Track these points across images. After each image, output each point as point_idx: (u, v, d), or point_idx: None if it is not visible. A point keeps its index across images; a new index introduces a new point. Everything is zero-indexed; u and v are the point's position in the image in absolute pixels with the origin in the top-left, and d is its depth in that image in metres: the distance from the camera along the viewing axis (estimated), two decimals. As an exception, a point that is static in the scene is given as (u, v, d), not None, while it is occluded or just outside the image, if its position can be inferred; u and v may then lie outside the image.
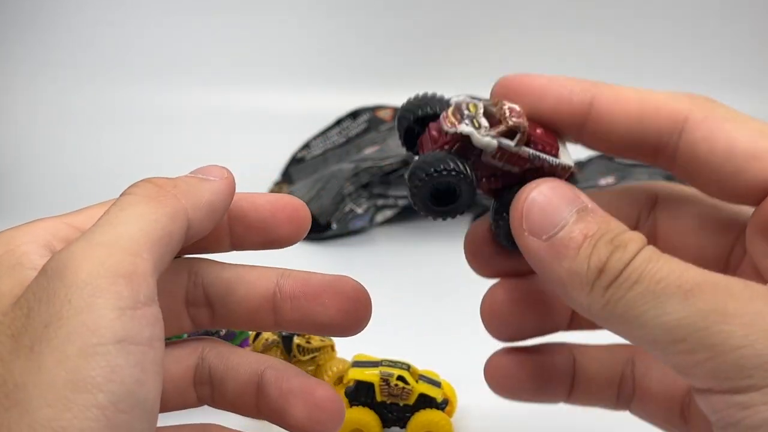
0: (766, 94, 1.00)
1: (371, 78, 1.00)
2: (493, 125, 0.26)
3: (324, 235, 0.70)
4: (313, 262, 0.67)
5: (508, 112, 0.26)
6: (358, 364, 0.42)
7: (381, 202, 0.71)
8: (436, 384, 0.42)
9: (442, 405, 0.41)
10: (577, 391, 0.31)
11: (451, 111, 0.27)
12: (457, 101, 0.27)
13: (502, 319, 0.30)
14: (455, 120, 0.26)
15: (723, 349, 0.21)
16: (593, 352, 0.31)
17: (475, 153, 0.26)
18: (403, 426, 0.41)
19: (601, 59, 1.01)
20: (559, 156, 0.27)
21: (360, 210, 0.70)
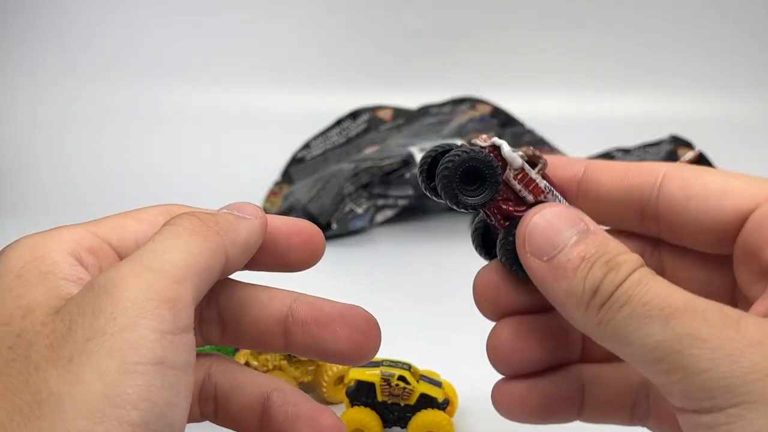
0: (765, 94, 1.00)
1: (371, 78, 1.00)
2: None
3: (324, 235, 0.70)
4: (314, 262, 0.67)
5: (532, 150, 0.29)
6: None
7: (381, 202, 0.71)
8: (437, 384, 0.42)
9: (443, 405, 0.41)
10: (587, 411, 0.31)
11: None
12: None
13: (508, 355, 0.30)
14: (487, 137, 0.29)
15: (692, 371, 0.23)
16: (603, 374, 0.31)
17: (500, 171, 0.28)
18: (404, 426, 0.41)
19: (601, 60, 1.02)
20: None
21: (360, 210, 0.70)
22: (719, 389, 0.22)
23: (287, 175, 0.83)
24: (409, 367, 0.41)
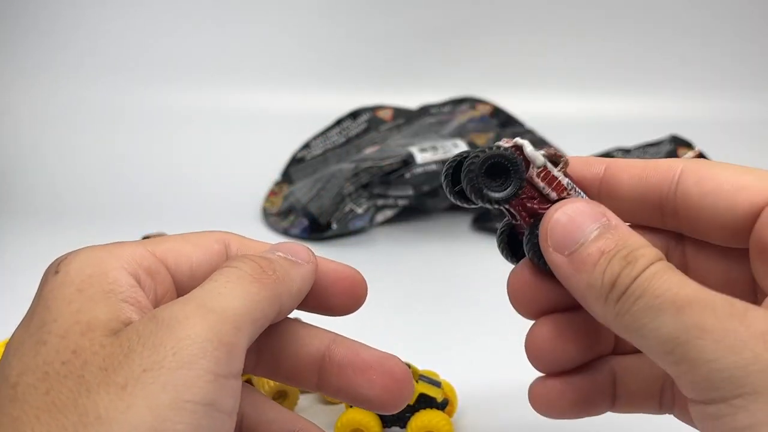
0: (765, 94, 1.00)
1: (371, 78, 1.00)
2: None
3: (324, 235, 0.70)
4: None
5: (554, 150, 0.30)
6: None
7: (381, 202, 0.71)
8: (437, 384, 0.42)
9: (442, 405, 0.41)
10: (619, 402, 0.32)
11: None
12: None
13: (547, 354, 0.30)
14: (509, 139, 0.30)
15: (698, 363, 0.23)
16: (632, 365, 0.31)
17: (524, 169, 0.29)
18: (403, 426, 0.41)
19: (601, 60, 1.02)
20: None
21: (360, 210, 0.70)
22: (722, 380, 0.23)
23: (287, 175, 0.83)
24: (408, 367, 0.41)
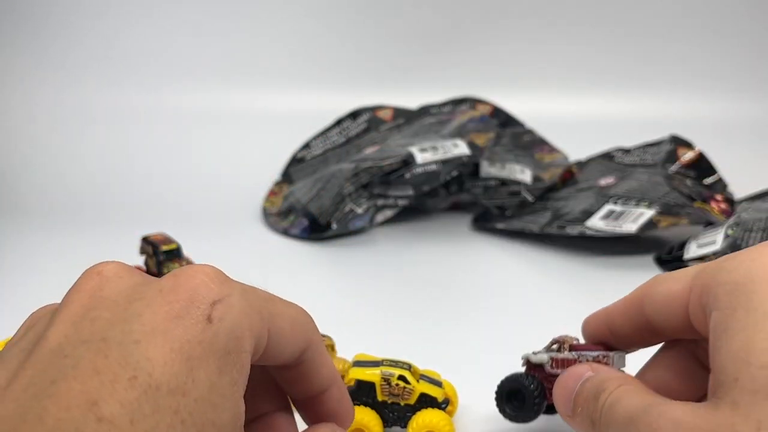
0: (765, 94, 1.00)
1: (371, 78, 1.00)
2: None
3: (324, 235, 0.70)
4: (313, 263, 0.67)
5: (556, 337, 0.39)
6: (359, 363, 0.42)
7: (381, 202, 0.71)
8: (438, 383, 0.41)
9: (443, 405, 0.41)
10: None
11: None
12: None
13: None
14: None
15: None
16: None
17: (541, 371, 0.38)
18: (404, 426, 0.41)
19: (601, 60, 1.02)
20: (609, 357, 0.37)
21: (360, 210, 0.70)
22: None
23: (287, 175, 0.82)
24: (409, 367, 0.41)
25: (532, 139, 0.85)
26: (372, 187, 0.71)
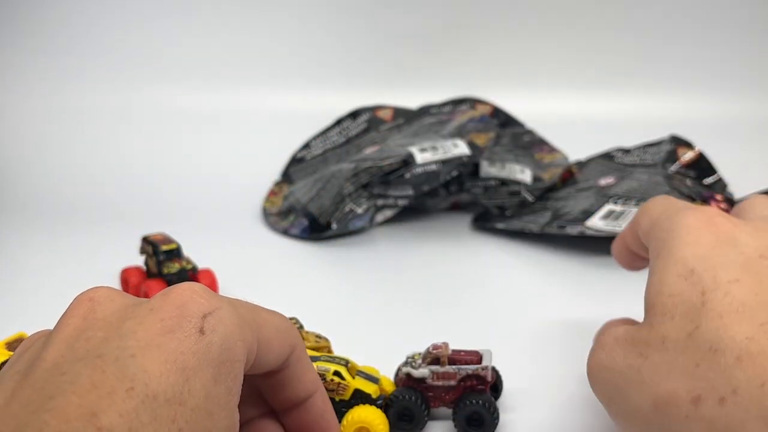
0: (765, 94, 1.00)
1: (371, 78, 1.00)
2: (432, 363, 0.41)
3: (324, 235, 0.70)
4: (314, 262, 0.67)
5: (432, 349, 0.41)
6: None
7: (381, 202, 0.71)
8: (374, 380, 0.42)
9: (378, 401, 0.41)
10: None
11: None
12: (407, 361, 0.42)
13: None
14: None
15: None
16: None
17: (422, 383, 0.41)
18: (338, 421, 0.41)
19: (601, 60, 1.02)
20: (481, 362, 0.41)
21: (360, 210, 0.70)
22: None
23: (287, 175, 0.83)
24: (346, 363, 0.41)
25: (531, 139, 0.85)
26: (372, 187, 0.71)
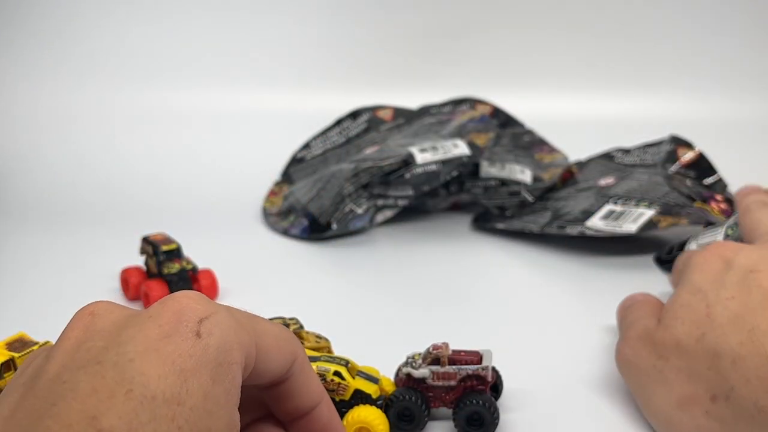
0: (766, 94, 1.00)
1: (371, 78, 1.00)
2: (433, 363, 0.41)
3: (324, 235, 0.70)
4: (314, 263, 0.67)
5: (432, 349, 0.41)
6: None
7: (381, 202, 0.71)
8: (374, 380, 0.42)
9: (378, 401, 0.41)
10: None
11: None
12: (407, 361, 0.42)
13: None
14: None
15: None
16: None
17: (422, 383, 0.41)
18: None
19: (601, 60, 1.02)
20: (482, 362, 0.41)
21: (360, 210, 0.70)
22: None
23: (287, 175, 0.82)
24: (346, 363, 0.41)
25: (531, 139, 0.85)
26: (372, 187, 0.71)
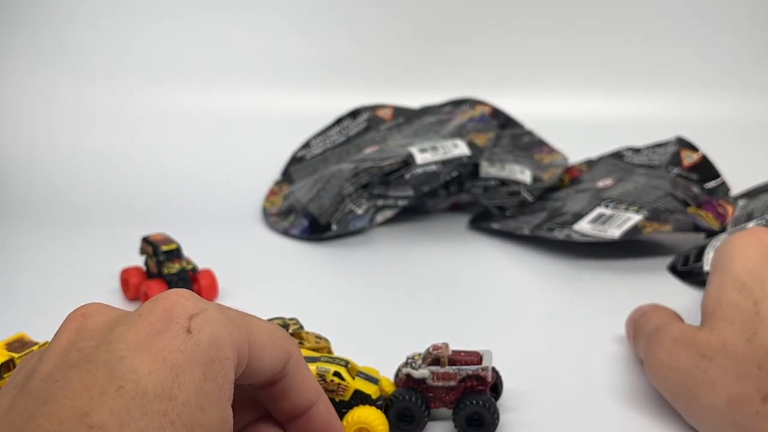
0: (763, 94, 1.00)
1: (371, 78, 1.00)
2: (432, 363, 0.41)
3: (324, 235, 0.70)
4: (314, 263, 0.67)
5: (432, 349, 0.41)
6: None
7: (381, 202, 0.71)
8: (374, 381, 0.42)
9: (378, 402, 0.41)
10: None
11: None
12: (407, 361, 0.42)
13: None
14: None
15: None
16: None
17: (422, 384, 0.41)
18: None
19: (602, 60, 1.01)
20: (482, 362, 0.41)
21: (360, 210, 0.70)
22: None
23: (287, 175, 0.82)
24: (346, 363, 0.41)
25: (531, 140, 0.85)
26: (372, 187, 0.71)
